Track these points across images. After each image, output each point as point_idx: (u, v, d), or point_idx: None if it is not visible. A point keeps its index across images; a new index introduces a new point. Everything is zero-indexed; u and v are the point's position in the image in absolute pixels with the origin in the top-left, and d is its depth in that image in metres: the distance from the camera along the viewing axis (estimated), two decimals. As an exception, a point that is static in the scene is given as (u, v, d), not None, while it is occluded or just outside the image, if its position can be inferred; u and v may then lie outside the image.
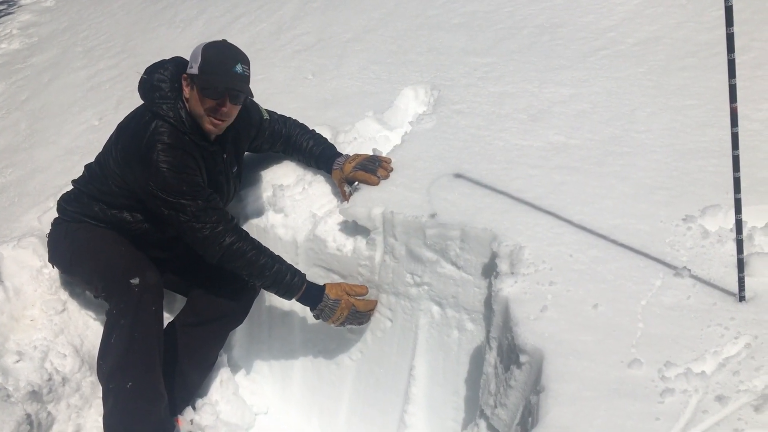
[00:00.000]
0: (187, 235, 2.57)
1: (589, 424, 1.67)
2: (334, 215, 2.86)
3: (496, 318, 2.19)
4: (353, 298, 2.69)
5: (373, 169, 2.79)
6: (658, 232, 2.27)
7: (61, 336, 2.91)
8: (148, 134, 2.51)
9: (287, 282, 2.61)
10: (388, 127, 3.25)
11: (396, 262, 2.68)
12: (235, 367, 3.15)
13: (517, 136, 2.91)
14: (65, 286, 3.05)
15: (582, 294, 2.07)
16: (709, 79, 2.99)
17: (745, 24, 3.19)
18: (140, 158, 2.51)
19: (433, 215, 2.54)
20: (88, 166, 2.87)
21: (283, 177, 3.11)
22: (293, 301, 2.69)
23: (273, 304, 3.08)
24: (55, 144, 4.34)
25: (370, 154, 2.92)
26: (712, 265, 2.12)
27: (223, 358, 3.04)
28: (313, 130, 3.09)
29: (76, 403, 2.84)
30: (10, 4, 8.26)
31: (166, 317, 2.81)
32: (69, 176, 3.18)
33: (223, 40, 2.62)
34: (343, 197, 2.85)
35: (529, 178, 2.63)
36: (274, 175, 3.14)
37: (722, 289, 2.02)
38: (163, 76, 2.59)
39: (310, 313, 2.74)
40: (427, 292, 2.62)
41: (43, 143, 4.43)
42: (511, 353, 2.04)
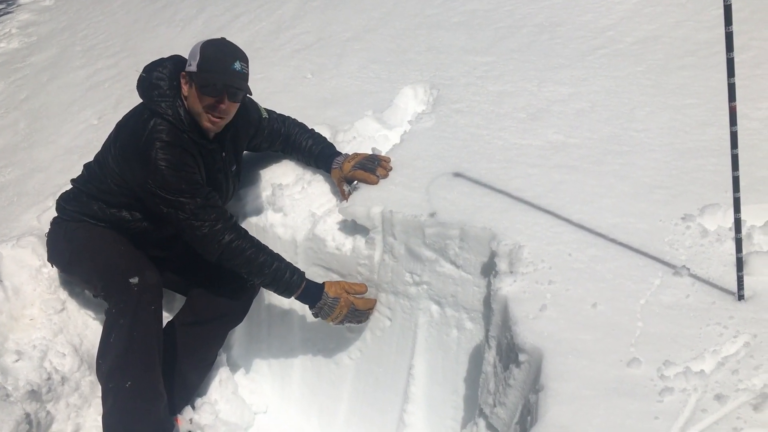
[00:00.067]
0: (186, 233, 2.57)
1: (588, 422, 1.67)
2: (334, 214, 2.86)
3: (496, 317, 2.19)
4: (352, 296, 2.69)
5: (373, 168, 2.79)
6: (657, 231, 2.27)
7: (61, 335, 2.91)
8: (146, 132, 2.51)
9: (286, 280, 2.61)
10: (388, 126, 3.25)
11: (395, 261, 2.68)
12: (234, 367, 3.15)
13: (516, 135, 2.91)
14: (64, 285, 3.05)
15: (581, 293, 2.07)
16: (708, 78, 2.99)
17: (744, 23, 3.19)
18: (139, 156, 2.51)
19: (432, 214, 2.54)
20: (87, 165, 2.87)
21: (283, 176, 3.11)
22: (292, 299, 2.69)
23: (272, 303, 3.08)
24: (54, 143, 4.35)
25: (370, 153, 2.92)
26: (711, 263, 2.12)
27: (223, 358, 3.04)
28: (312, 129, 3.09)
29: (76, 403, 2.84)
30: (9, 3, 8.26)
31: (165, 316, 2.81)
32: (68, 175, 3.19)
33: (221, 38, 2.62)
34: (343, 196, 2.85)
35: (528, 177, 2.63)
36: (273, 174, 3.14)
37: (721, 288, 2.02)
38: (162, 74, 2.59)
39: (309, 312, 2.74)
40: (427, 291, 2.62)
41: (42, 142, 4.43)
42: (510, 352, 2.04)
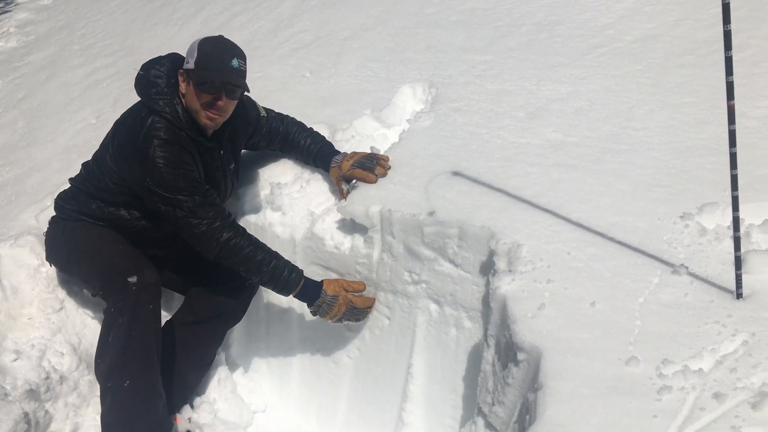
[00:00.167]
0: (184, 231, 2.57)
1: (586, 421, 1.67)
2: (332, 213, 2.86)
3: (494, 316, 2.19)
4: (351, 294, 2.69)
5: (371, 167, 2.79)
6: (655, 230, 2.27)
7: (59, 334, 2.90)
8: (144, 130, 2.51)
9: (285, 278, 2.61)
10: (386, 125, 3.24)
11: (394, 260, 2.68)
12: (233, 366, 3.15)
13: (515, 134, 2.91)
14: (63, 284, 3.04)
15: (580, 292, 2.07)
16: (707, 77, 2.99)
17: (743, 21, 3.19)
18: (137, 154, 2.51)
19: (431, 213, 2.54)
20: (85, 164, 2.86)
21: (281, 175, 3.11)
22: (291, 297, 2.69)
23: (271, 302, 3.08)
24: (53, 142, 4.34)
25: (368, 152, 2.92)
26: (709, 262, 2.12)
27: (221, 357, 3.04)
28: (310, 128, 3.09)
29: (74, 402, 2.84)
30: (7, 2, 8.24)
31: (164, 315, 2.81)
32: (66, 174, 3.18)
33: (219, 36, 2.62)
34: (341, 195, 2.85)
35: (527, 176, 2.63)
36: (272, 173, 3.14)
37: (720, 287, 2.02)
38: (160, 72, 2.59)
39: (308, 311, 2.74)
40: (425, 290, 2.62)
41: (41, 141, 4.43)
42: (508, 351, 2.04)
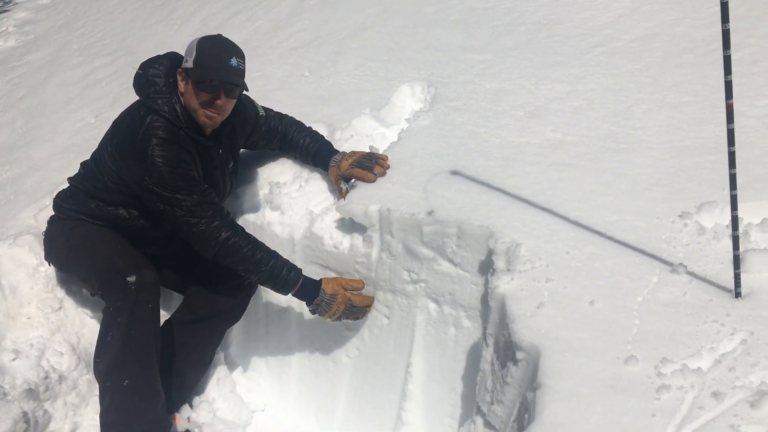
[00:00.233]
0: (183, 230, 2.57)
1: (585, 420, 1.67)
2: (331, 212, 2.86)
3: (493, 315, 2.19)
4: (349, 292, 2.70)
5: (370, 167, 2.79)
6: (654, 229, 2.27)
7: (58, 334, 2.90)
8: (143, 129, 2.51)
9: (283, 277, 2.61)
10: (385, 124, 3.24)
11: (393, 260, 2.68)
12: (232, 365, 3.14)
13: (514, 133, 2.91)
14: (62, 283, 3.04)
15: (578, 291, 2.07)
16: (706, 76, 2.99)
17: (741, 20, 3.19)
18: (135, 153, 2.51)
19: (429, 212, 2.54)
20: (84, 164, 2.86)
21: (280, 174, 3.11)
22: (289, 296, 2.69)
23: (270, 301, 3.08)
24: (52, 142, 4.34)
25: (367, 151, 2.92)
26: (708, 261, 2.12)
27: (220, 356, 3.04)
28: (309, 128, 3.09)
29: (73, 401, 2.84)
30: (6, 1, 8.23)
31: (162, 315, 2.80)
32: (65, 174, 3.18)
33: (218, 35, 2.62)
34: (340, 194, 2.84)
35: (525, 175, 2.63)
36: (271, 172, 3.14)
37: (718, 286, 2.02)
38: (158, 71, 2.59)
39: (307, 310, 2.74)
40: (424, 289, 2.62)
41: (40, 141, 4.42)
42: (507, 350, 2.04)
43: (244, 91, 2.64)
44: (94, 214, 2.75)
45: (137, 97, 2.63)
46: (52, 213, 2.91)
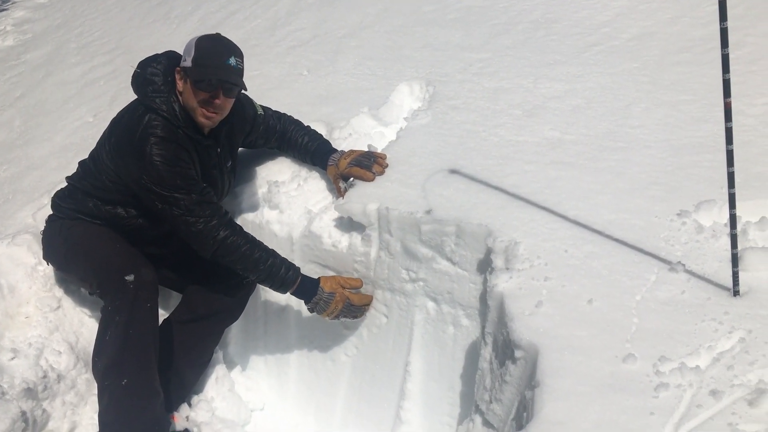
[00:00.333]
0: (181, 229, 2.56)
1: (583, 418, 1.68)
2: (330, 211, 2.86)
3: (492, 314, 2.19)
4: (348, 291, 2.70)
5: (368, 165, 2.79)
6: (652, 228, 2.27)
7: (56, 333, 2.90)
8: (141, 128, 2.50)
9: (282, 275, 2.61)
10: (383, 123, 3.24)
11: (391, 258, 2.68)
12: (230, 364, 3.14)
13: (512, 132, 2.91)
14: (60, 283, 3.04)
15: (577, 289, 2.07)
16: (704, 75, 2.99)
17: (740, 19, 3.19)
18: (134, 152, 2.51)
19: (428, 211, 2.54)
20: (82, 163, 2.86)
21: (278, 173, 3.11)
22: (288, 295, 2.69)
23: (269, 300, 3.08)
24: (50, 141, 4.33)
25: (365, 150, 2.92)
26: (706, 260, 2.12)
27: (219, 355, 3.04)
28: (308, 126, 3.09)
29: (72, 401, 2.84)
30: (3, 0, 8.21)
31: (161, 314, 2.80)
32: (63, 173, 3.17)
33: (216, 34, 2.62)
34: (339, 193, 2.84)
35: (524, 174, 2.63)
36: (269, 171, 3.14)
37: (716, 284, 2.03)
38: (156, 70, 2.59)
39: (305, 309, 2.74)
40: (423, 288, 2.63)
41: (38, 140, 4.41)
42: (506, 349, 2.04)
43: (243, 90, 2.63)
44: (93, 213, 2.75)
45: (135, 96, 2.63)
46: (51, 212, 2.91)
